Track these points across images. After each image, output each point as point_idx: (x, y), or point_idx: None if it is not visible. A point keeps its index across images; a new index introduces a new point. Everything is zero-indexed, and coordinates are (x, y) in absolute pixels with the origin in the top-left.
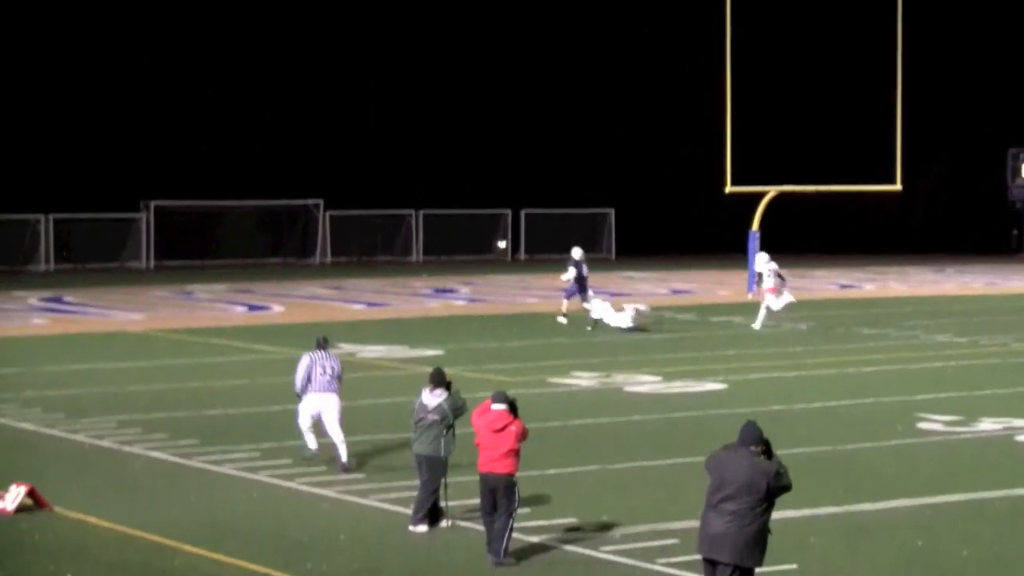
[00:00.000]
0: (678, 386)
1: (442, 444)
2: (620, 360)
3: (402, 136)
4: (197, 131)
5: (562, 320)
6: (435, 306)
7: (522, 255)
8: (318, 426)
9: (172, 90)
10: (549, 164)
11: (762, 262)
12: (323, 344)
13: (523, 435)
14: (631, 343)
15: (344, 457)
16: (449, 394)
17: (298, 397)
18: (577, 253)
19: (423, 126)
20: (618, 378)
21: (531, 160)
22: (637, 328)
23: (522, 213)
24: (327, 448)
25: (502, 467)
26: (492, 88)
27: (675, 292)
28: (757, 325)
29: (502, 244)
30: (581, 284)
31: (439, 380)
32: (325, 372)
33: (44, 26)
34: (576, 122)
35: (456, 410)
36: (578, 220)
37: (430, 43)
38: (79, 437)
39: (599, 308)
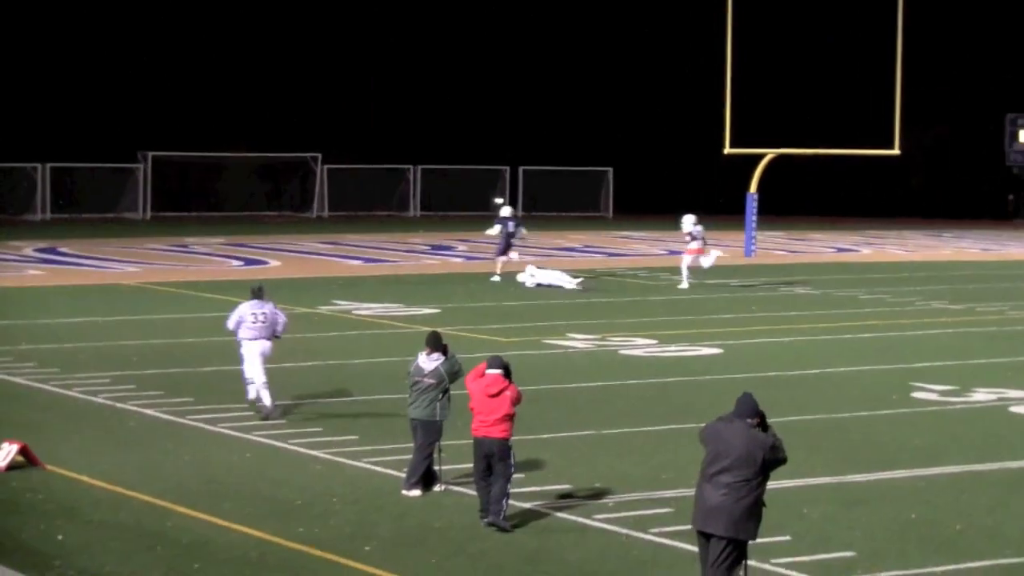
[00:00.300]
0: (673, 350)
1: (437, 408)
2: (616, 323)
3: (402, 91)
4: (196, 82)
5: (495, 279)
6: (432, 263)
7: (520, 212)
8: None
9: (172, 40)
10: (548, 121)
11: (689, 223)
12: (258, 293)
13: (518, 399)
14: (627, 306)
15: (267, 400)
16: (445, 358)
17: (237, 342)
18: (506, 211)
19: (423, 81)
20: (613, 341)
21: (530, 117)
22: (584, 290)
23: (520, 170)
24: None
25: (497, 431)
26: (493, 45)
27: (671, 253)
28: (684, 284)
29: (499, 201)
30: (507, 243)
31: (436, 344)
32: (257, 319)
33: None
34: (576, 80)
35: (452, 374)
36: (576, 178)
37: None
38: (73, 393)
39: (535, 273)
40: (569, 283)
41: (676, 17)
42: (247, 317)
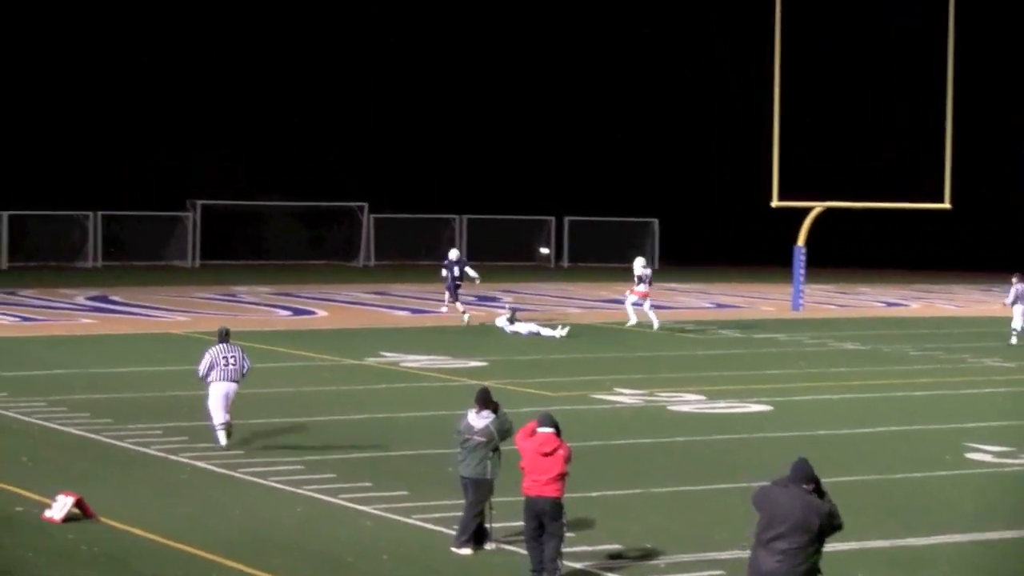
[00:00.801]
0: (722, 406)
1: (488, 466)
2: (663, 376)
3: (448, 140)
4: (244, 131)
5: (464, 319)
6: (478, 314)
7: (565, 262)
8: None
9: (220, 90)
10: (594, 172)
11: (639, 265)
12: (225, 337)
13: (570, 458)
14: (674, 359)
15: (223, 440)
16: (496, 416)
17: (203, 383)
18: (452, 254)
19: (469, 132)
20: (661, 396)
21: (576, 167)
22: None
23: (565, 220)
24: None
25: (550, 491)
26: (539, 94)
27: (719, 306)
28: (632, 321)
29: (545, 251)
30: (455, 286)
31: (486, 401)
32: (228, 363)
33: (94, 24)
34: (623, 130)
35: (503, 433)
36: (621, 228)
37: (481, 49)
38: (126, 444)
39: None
40: (550, 332)
41: (723, 67)
42: (219, 360)
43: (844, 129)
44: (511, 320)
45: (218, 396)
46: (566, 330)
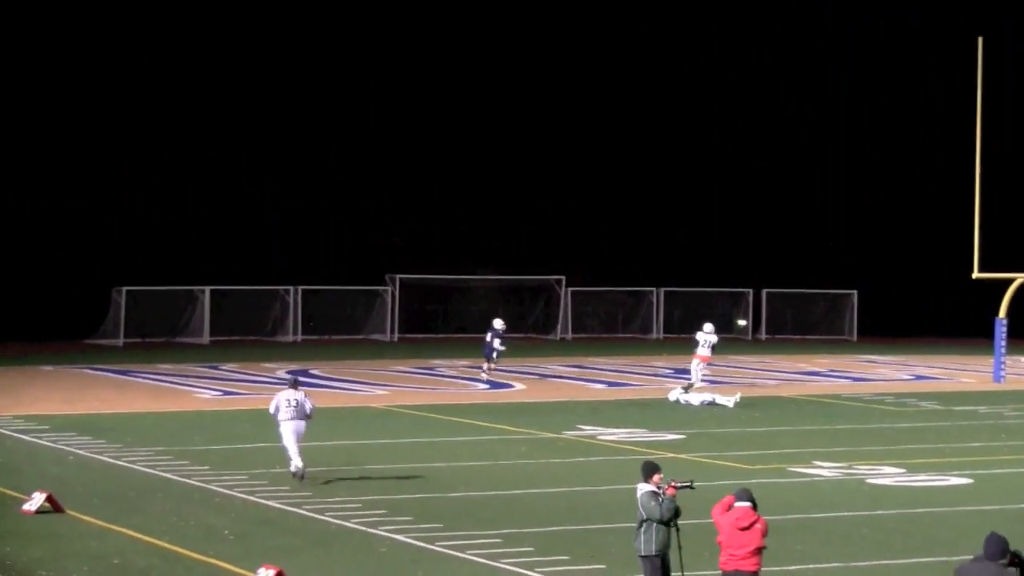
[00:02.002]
0: (922, 479)
1: (642, 541)
2: (862, 450)
3: (644, 212)
4: (441, 206)
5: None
6: (675, 387)
7: (763, 335)
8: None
9: (416, 168)
10: (792, 242)
11: (707, 331)
12: (294, 384)
13: (766, 532)
14: (873, 432)
15: (299, 463)
16: (651, 491)
17: (276, 423)
18: (497, 324)
19: (667, 201)
20: (860, 469)
21: (774, 238)
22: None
23: (763, 292)
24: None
25: (748, 565)
26: (738, 165)
27: (918, 378)
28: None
29: (742, 323)
30: (489, 350)
31: (649, 474)
32: (291, 405)
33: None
34: (822, 200)
35: (649, 509)
36: (820, 300)
37: (665, 115)
38: (325, 517)
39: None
40: (724, 400)
41: (922, 137)
42: (282, 403)
43: None
44: (685, 390)
45: (286, 433)
46: (738, 397)
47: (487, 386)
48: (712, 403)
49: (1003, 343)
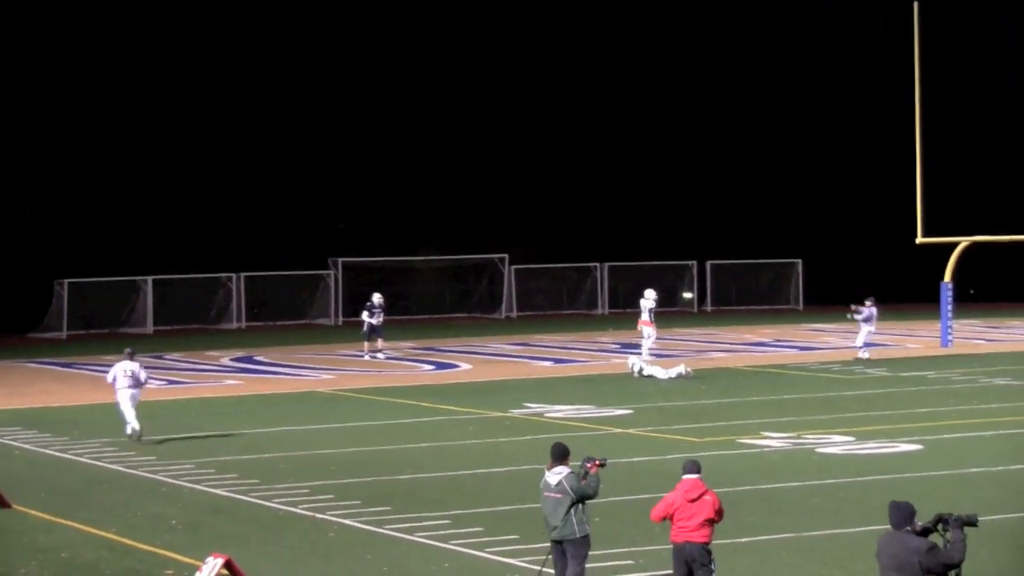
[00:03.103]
0: (872, 447)
1: (574, 523)
2: (811, 419)
3: (585, 187)
4: (383, 187)
5: (367, 357)
6: (622, 362)
7: (708, 307)
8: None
9: (359, 149)
10: (735, 213)
11: (647, 296)
12: (130, 356)
13: (719, 510)
14: (821, 401)
15: (136, 426)
16: (571, 471)
17: (114, 390)
18: (376, 298)
19: (606, 176)
20: (809, 438)
21: (717, 210)
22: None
23: (707, 264)
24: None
25: (698, 536)
26: (677, 137)
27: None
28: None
29: (688, 295)
30: (369, 328)
31: (561, 456)
32: (127, 375)
33: (235, 91)
34: (762, 170)
35: (578, 491)
36: (765, 270)
37: (610, 88)
38: (273, 504)
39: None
40: (664, 374)
41: (864, 103)
42: (119, 373)
43: (989, 162)
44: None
45: (123, 400)
46: (683, 369)
47: (432, 367)
48: (675, 376)
49: (949, 307)
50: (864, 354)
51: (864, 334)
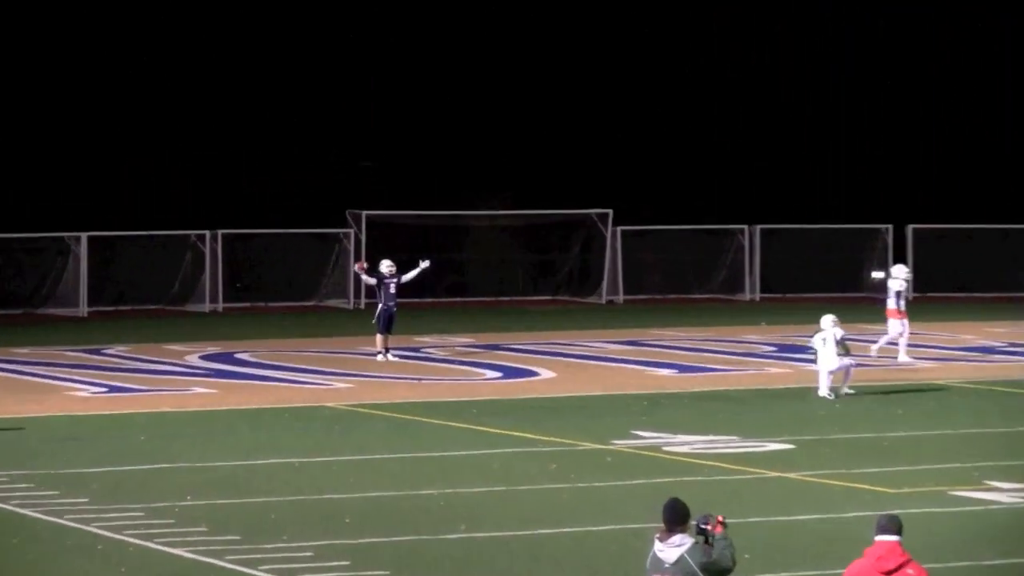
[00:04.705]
0: None
1: None
2: None
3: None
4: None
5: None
6: (778, 372)
7: (910, 293)
8: None
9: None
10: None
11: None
12: None
13: None
14: None
15: None
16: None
17: None
18: (385, 267)
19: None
20: None
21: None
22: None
23: (908, 229)
24: None
25: None
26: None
27: None
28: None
29: (879, 275)
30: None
31: (675, 520)
32: None
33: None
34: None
35: (708, 566)
36: (991, 237)
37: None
38: (260, 572)
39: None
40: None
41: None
42: None
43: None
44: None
45: None
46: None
47: (497, 374)
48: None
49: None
50: None
51: None
